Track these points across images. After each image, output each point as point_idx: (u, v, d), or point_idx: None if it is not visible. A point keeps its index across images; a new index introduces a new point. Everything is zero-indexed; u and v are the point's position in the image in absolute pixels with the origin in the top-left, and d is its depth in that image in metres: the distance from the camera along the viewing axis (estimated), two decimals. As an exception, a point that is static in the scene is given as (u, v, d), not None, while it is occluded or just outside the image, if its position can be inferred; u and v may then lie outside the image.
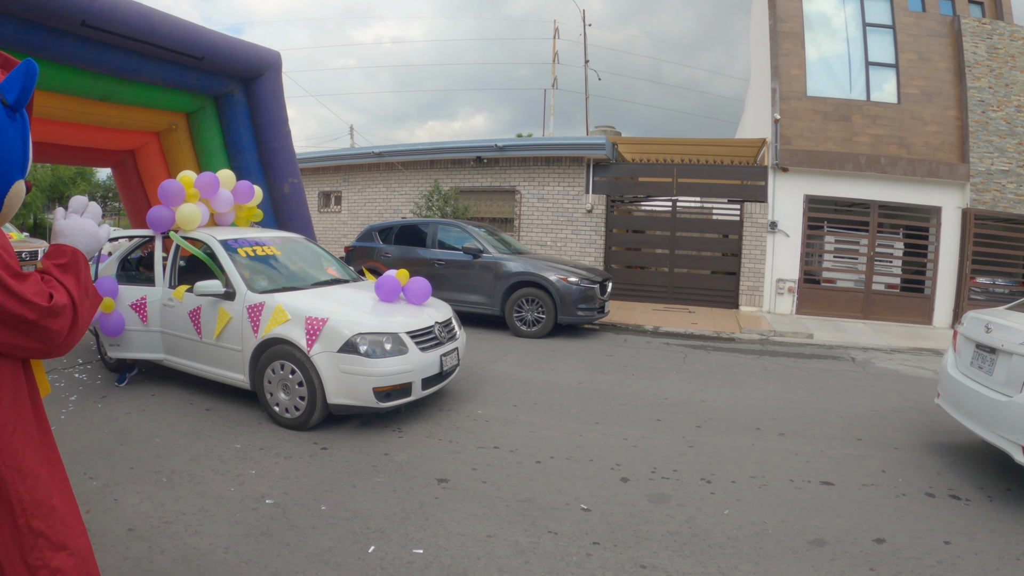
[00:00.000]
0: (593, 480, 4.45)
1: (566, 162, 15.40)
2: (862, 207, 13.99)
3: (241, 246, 6.35)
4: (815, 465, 4.89)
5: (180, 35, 8.27)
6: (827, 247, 14.45)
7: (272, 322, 5.42)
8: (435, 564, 3.27)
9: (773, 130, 13.84)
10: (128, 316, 6.24)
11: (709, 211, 15.59)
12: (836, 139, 13.82)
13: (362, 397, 5.16)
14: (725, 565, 3.36)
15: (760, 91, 15.93)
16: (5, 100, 2.09)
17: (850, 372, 8.44)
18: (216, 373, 5.94)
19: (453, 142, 16.74)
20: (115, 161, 11.29)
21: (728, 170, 14.77)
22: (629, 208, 16.43)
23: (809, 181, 13.78)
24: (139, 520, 3.64)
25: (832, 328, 12.13)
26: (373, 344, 5.21)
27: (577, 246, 15.37)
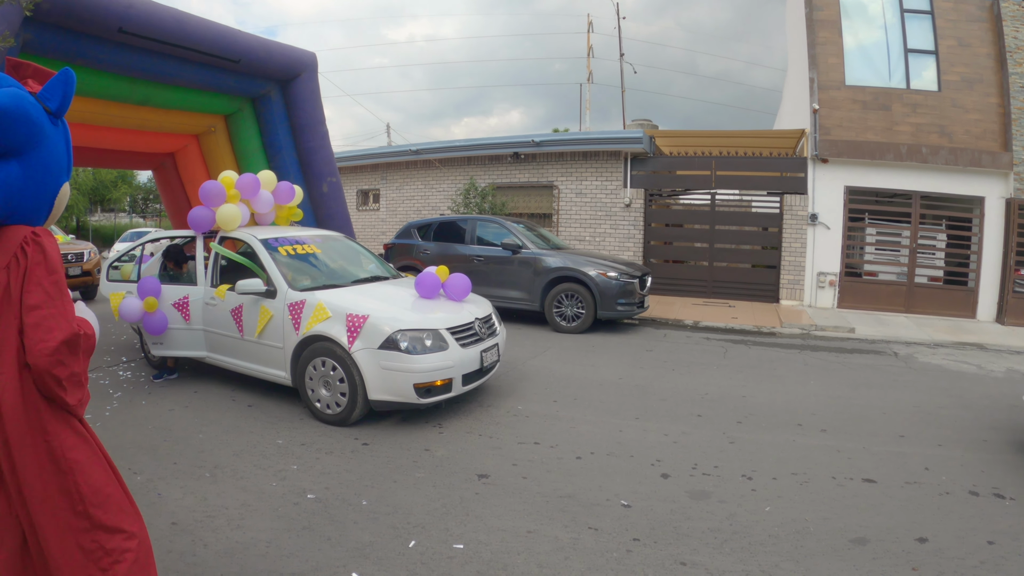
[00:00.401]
0: (633, 476, 4.43)
1: (603, 156, 15.31)
2: (903, 198, 13.67)
3: (281, 245, 6.42)
4: (857, 462, 4.81)
5: (216, 39, 8.41)
6: (868, 239, 14.15)
7: (313, 319, 5.47)
8: (475, 559, 3.29)
9: (812, 120, 13.60)
10: (171, 315, 6.38)
11: (748, 204, 15.36)
12: (876, 128, 13.52)
13: (403, 393, 5.18)
14: (766, 563, 3.32)
15: (798, 81, 15.66)
16: (48, 108, 2.17)
17: (892, 367, 8.27)
18: (258, 370, 6.02)
19: (490, 138, 16.74)
20: (155, 164, 11.52)
21: (767, 162, 14.55)
22: (667, 202, 16.25)
23: (849, 172, 13.51)
24: (183, 514, 3.73)
25: (874, 322, 11.90)
26: (413, 340, 5.23)
27: (616, 241, 15.28)
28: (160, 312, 6.32)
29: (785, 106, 18.86)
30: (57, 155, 2.23)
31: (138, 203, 39.24)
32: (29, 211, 2.16)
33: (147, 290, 6.31)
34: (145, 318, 6.29)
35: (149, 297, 6.27)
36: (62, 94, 2.20)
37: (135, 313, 6.25)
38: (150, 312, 6.28)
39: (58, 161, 2.24)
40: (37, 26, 6.85)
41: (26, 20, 6.37)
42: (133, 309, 6.24)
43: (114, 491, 2.32)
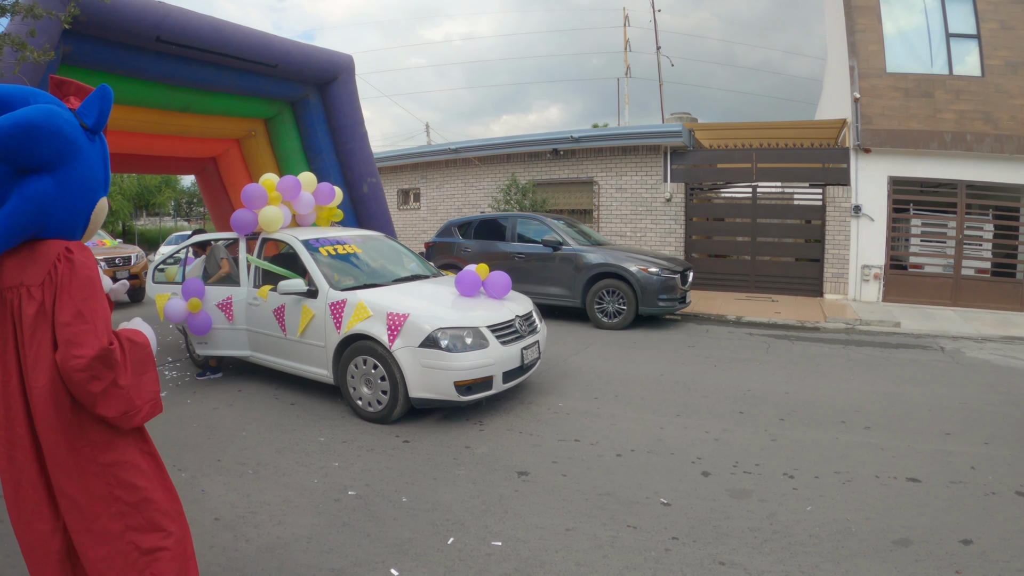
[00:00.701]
0: (674, 474, 4.41)
1: (643, 151, 15.21)
2: (949, 188, 13.31)
3: (322, 245, 6.50)
4: (901, 460, 4.70)
5: (253, 45, 8.55)
6: (913, 231, 13.82)
7: (354, 318, 5.53)
8: (513, 556, 3.31)
9: (853, 109, 13.31)
10: (215, 315, 6.51)
11: (790, 196, 15.09)
12: (919, 116, 13.17)
13: (443, 391, 5.22)
14: (806, 564, 3.27)
15: (838, 69, 15.34)
16: (85, 124, 2.22)
17: (939, 362, 8.08)
18: (300, 368, 6.11)
19: (529, 135, 16.74)
20: (198, 168, 11.78)
21: (808, 153, 14.30)
22: (708, 196, 16.07)
23: (893, 162, 13.19)
24: (225, 510, 3.82)
25: (920, 316, 11.63)
26: (454, 338, 5.25)
27: (657, 236, 15.17)
28: (204, 313, 6.45)
29: (826, 95, 18.52)
30: (93, 171, 2.28)
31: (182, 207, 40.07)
32: (64, 225, 2.21)
33: (191, 291, 6.45)
34: (189, 319, 6.41)
35: (193, 298, 6.40)
36: (98, 110, 2.25)
37: (180, 314, 6.38)
38: (194, 313, 6.40)
39: (94, 176, 2.29)
40: (76, 38, 7.04)
41: (65, 33, 6.56)
42: (178, 310, 6.36)
43: (153, 491, 2.38)
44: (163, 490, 2.45)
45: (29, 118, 1.99)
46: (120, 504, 2.27)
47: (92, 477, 2.22)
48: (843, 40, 14.03)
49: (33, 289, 2.10)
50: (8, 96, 2.05)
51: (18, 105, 2.06)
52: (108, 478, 2.24)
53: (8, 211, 2.05)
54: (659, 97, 26.83)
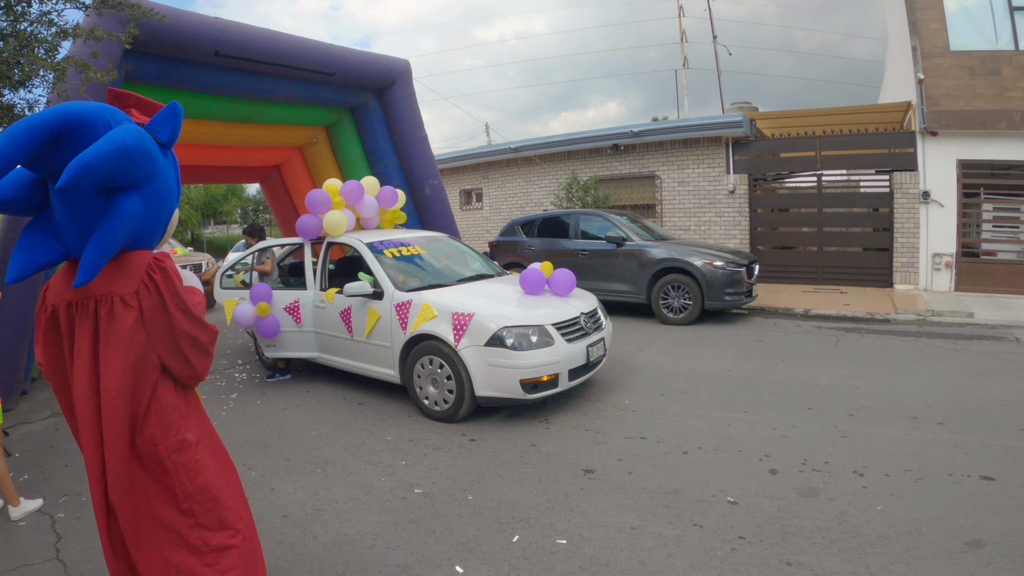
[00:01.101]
0: (740, 472, 4.37)
1: (704, 143, 15.00)
2: (1020, 170, 12.72)
3: (387, 247, 6.62)
4: (975, 458, 4.55)
5: (309, 54, 8.75)
6: (985, 216, 13.26)
7: (420, 319, 5.63)
8: (578, 555, 3.34)
9: (917, 91, 12.85)
10: (283, 319, 6.70)
11: (856, 184, 14.64)
12: (986, 96, 12.61)
13: (509, 389, 5.27)
14: (875, 565, 3.21)
15: (899, 50, 14.84)
16: (159, 140, 2.33)
17: (1014, 354, 7.76)
18: (367, 369, 6.26)
19: (588, 131, 16.64)
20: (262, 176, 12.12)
21: (873, 138, 13.86)
22: (773, 186, 15.72)
23: (961, 144, 12.68)
24: (293, 508, 3.96)
25: (994, 305, 11.19)
26: (519, 337, 5.29)
27: (721, 229, 14.95)
28: (272, 316, 6.63)
29: (888, 78, 17.94)
30: (169, 184, 2.41)
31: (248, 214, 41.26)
32: (147, 237, 2.36)
33: (259, 296, 6.62)
34: (258, 322, 6.59)
35: (261, 302, 6.58)
36: (172, 127, 2.37)
37: (248, 318, 6.55)
38: (263, 317, 6.58)
39: (170, 189, 2.43)
40: (137, 56, 7.31)
41: (126, 52, 6.79)
42: (246, 314, 6.54)
43: (220, 489, 2.50)
44: (230, 490, 2.56)
45: (124, 142, 2.08)
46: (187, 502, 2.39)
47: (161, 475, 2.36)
48: (904, 19, 13.55)
49: (127, 297, 2.23)
50: (90, 115, 2.12)
51: (99, 124, 2.13)
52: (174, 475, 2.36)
53: (107, 230, 2.16)
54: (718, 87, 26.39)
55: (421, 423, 5.52)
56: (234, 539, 2.51)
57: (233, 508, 2.54)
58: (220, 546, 2.46)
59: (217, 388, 6.73)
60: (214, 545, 2.45)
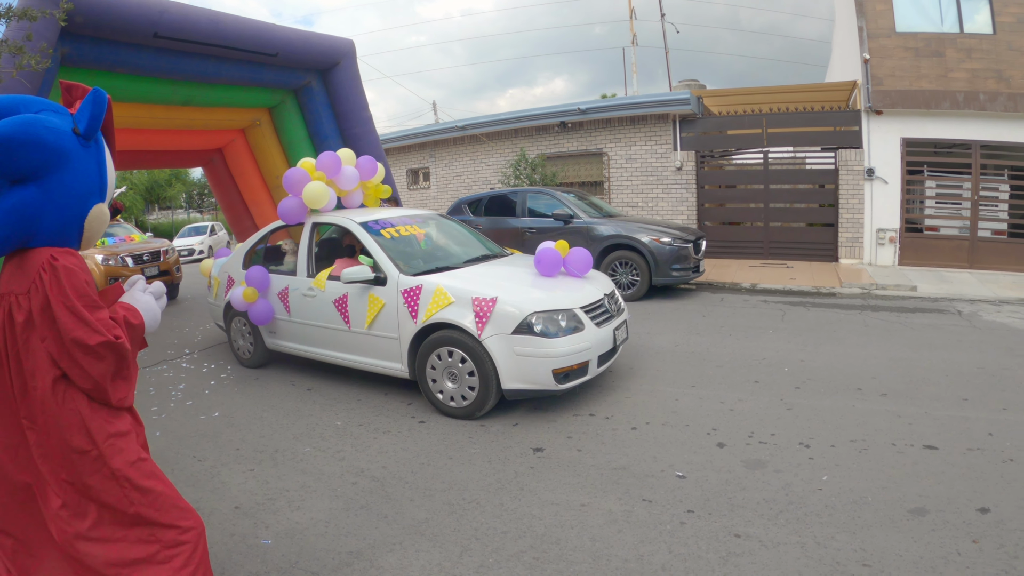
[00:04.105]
0: (688, 446, 4.41)
1: (651, 120, 15.10)
2: (963, 148, 13.09)
3: (383, 227, 6.02)
4: (918, 428, 4.66)
5: (251, 35, 8.53)
6: (928, 193, 13.64)
7: (433, 306, 5.09)
8: (528, 533, 3.33)
9: (863, 71, 13.09)
10: (277, 306, 6.32)
11: (802, 161, 14.94)
12: (930, 76, 12.93)
13: (540, 380, 4.83)
14: (821, 535, 3.27)
15: (846, 30, 15.10)
16: (77, 130, 2.21)
17: (956, 326, 7.99)
18: (368, 363, 5.72)
19: (535, 109, 16.67)
20: (205, 160, 11.82)
21: (819, 116, 14.13)
22: (720, 163, 15.93)
23: (905, 123, 13.00)
24: (244, 498, 3.87)
25: (936, 279, 11.51)
26: (549, 322, 4.87)
27: (669, 205, 15.11)
28: (262, 301, 6.28)
29: (835, 58, 18.26)
30: (86, 177, 2.26)
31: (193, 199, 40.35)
32: (53, 234, 2.21)
33: (251, 279, 6.27)
34: (249, 308, 6.29)
35: (248, 288, 6.25)
36: (90, 115, 2.22)
37: (241, 302, 6.30)
38: (251, 302, 6.26)
39: (87, 183, 2.27)
40: (74, 39, 7.05)
41: (63, 34, 6.55)
42: (239, 299, 6.31)
43: (164, 488, 2.41)
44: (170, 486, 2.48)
45: (3, 131, 2.00)
46: (133, 506, 2.30)
47: (103, 480, 2.26)
48: (851, 0, 13.79)
49: (21, 298, 2.13)
50: None
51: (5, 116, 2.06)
52: (118, 479, 2.27)
53: None
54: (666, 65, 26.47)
55: (370, 407, 5.44)
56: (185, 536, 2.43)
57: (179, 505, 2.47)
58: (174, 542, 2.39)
59: (165, 379, 6.54)
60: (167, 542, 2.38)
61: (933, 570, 2.95)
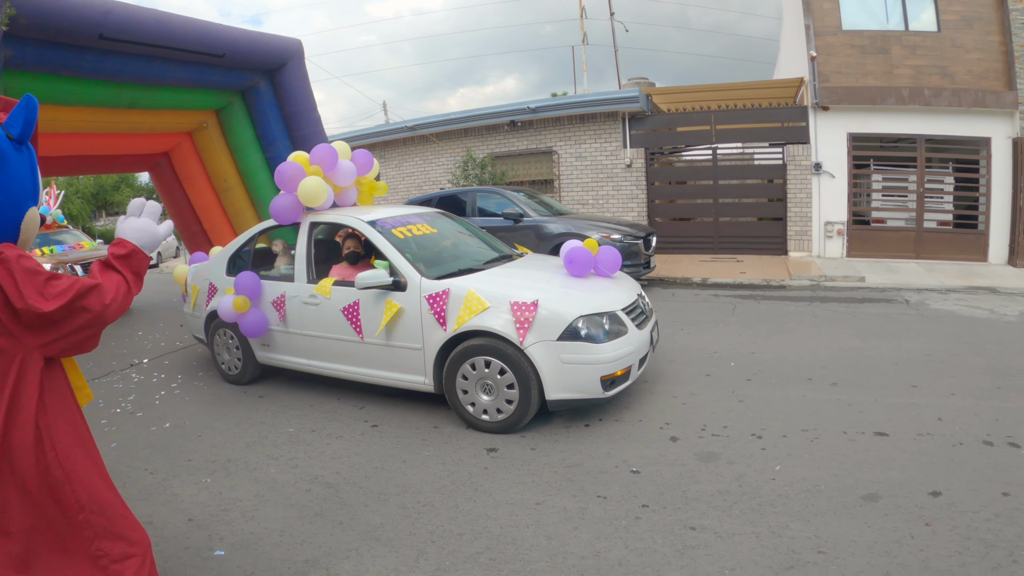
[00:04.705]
0: (641, 441, 4.43)
1: (601, 118, 15.20)
2: (908, 142, 13.47)
3: (393, 226, 5.54)
4: (868, 415, 4.76)
5: (198, 36, 8.36)
6: (875, 186, 14.00)
7: (465, 312, 4.67)
8: (484, 534, 3.31)
9: (810, 68, 13.37)
10: (271, 316, 5.81)
11: (751, 157, 15.24)
12: (875, 73, 13.28)
13: (587, 389, 4.53)
14: (775, 524, 3.31)
15: (793, 28, 15.41)
16: (11, 135, 2.18)
17: (904, 315, 8.20)
18: (383, 377, 5.26)
19: (485, 108, 16.65)
20: (151, 164, 11.53)
21: (767, 113, 14.41)
22: (670, 159, 16.17)
23: (851, 119, 13.32)
24: (197, 510, 3.77)
25: (884, 270, 11.80)
26: (595, 327, 4.57)
27: (619, 202, 15.22)
28: (256, 311, 5.77)
29: (783, 55, 18.61)
30: (19, 181, 2.22)
31: (144, 204, 39.41)
32: None
33: (242, 287, 5.75)
34: (241, 320, 5.77)
35: (238, 296, 5.74)
36: (23, 120, 2.20)
37: (231, 313, 5.76)
38: (242, 312, 5.74)
39: (20, 187, 2.23)
40: (17, 42, 6.81)
41: (5, 37, 6.33)
42: (228, 309, 5.77)
43: (113, 498, 2.35)
44: (119, 498, 2.42)
45: None
46: (81, 513, 2.23)
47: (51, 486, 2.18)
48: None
49: None
50: None
51: None
52: (66, 484, 2.20)
53: None
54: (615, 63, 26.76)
55: (322, 412, 5.34)
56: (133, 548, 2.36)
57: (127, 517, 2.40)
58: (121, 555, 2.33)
59: (113, 391, 6.34)
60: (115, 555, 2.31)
61: (887, 554, 3.01)
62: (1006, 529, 3.19)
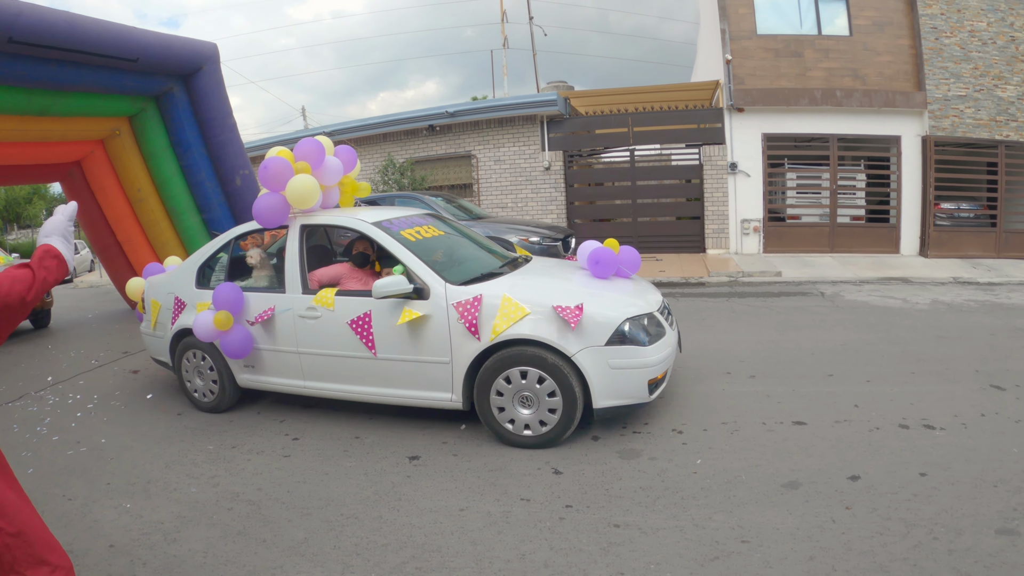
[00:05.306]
0: (563, 442, 4.45)
1: (519, 121, 15.35)
2: (821, 141, 14.05)
3: (401, 228, 5.09)
4: (787, 405, 4.92)
5: (111, 39, 8.07)
6: (789, 184, 14.54)
7: (503, 319, 4.31)
8: (409, 544, 3.29)
9: (725, 71, 13.80)
10: (257, 333, 5.21)
11: (668, 157, 15.67)
12: (789, 75, 13.81)
13: (635, 394, 4.34)
14: (698, 516, 3.39)
15: (710, 33, 15.87)
16: None
17: (819, 307, 8.52)
18: (404, 396, 4.79)
19: (403, 113, 16.64)
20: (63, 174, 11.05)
21: (683, 115, 14.82)
22: (588, 162, 16.48)
23: (765, 119, 13.81)
24: (118, 535, 3.63)
25: (799, 264, 12.25)
26: (639, 329, 4.36)
27: (538, 205, 15.40)
28: (239, 328, 5.15)
29: (700, 59, 19.13)
30: None
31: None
32: None
33: (223, 300, 5.09)
34: (222, 338, 5.14)
35: (220, 312, 5.08)
36: None
37: (208, 330, 5.11)
38: (225, 330, 5.11)
39: None
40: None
41: None
42: (207, 326, 5.11)
43: (33, 522, 2.27)
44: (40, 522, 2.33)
45: None
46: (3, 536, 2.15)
47: None
48: (714, 4, 14.53)
49: None
50: None
51: None
52: None
53: None
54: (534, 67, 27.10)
55: (241, 428, 5.20)
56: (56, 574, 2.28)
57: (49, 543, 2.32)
58: None
59: (28, 414, 6.03)
60: None
61: (810, 539, 3.11)
62: (924, 508, 3.35)
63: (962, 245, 13.39)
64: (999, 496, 3.45)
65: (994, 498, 3.44)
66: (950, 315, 7.92)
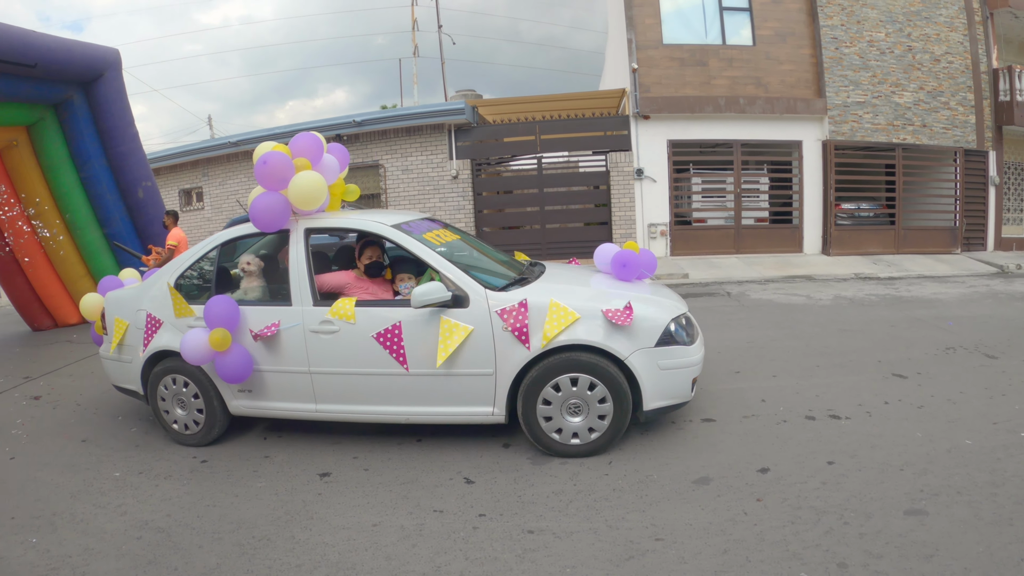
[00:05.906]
0: (475, 450, 4.49)
1: (427, 130, 15.39)
2: (725, 147, 14.62)
3: (422, 231, 4.79)
4: (695, 403, 5.06)
5: (8, 43, 7.69)
6: (695, 188, 15.05)
7: (552, 325, 4.10)
8: (323, 563, 3.28)
9: (632, 79, 14.19)
10: (258, 352, 4.67)
11: (576, 165, 15.97)
12: (694, 84, 14.31)
13: (680, 393, 4.32)
14: (611, 517, 3.48)
15: (618, 43, 16.26)
16: None
17: (726, 307, 8.82)
18: (436, 414, 4.49)
19: (311, 121, 16.40)
20: (-44, 188, 10.44)
21: (590, 122, 15.14)
22: (496, 170, 16.64)
23: (671, 126, 14.27)
24: (25, 572, 3.47)
25: (706, 266, 12.68)
26: (682, 329, 4.34)
27: (446, 213, 15.44)
28: (240, 348, 4.60)
29: (608, 68, 19.56)
30: None
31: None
32: None
33: (217, 316, 4.52)
34: (218, 360, 4.58)
35: (217, 330, 4.51)
36: None
37: (201, 352, 4.52)
38: (222, 351, 4.54)
39: None
40: None
41: None
42: (198, 347, 4.51)
43: None
44: None
45: None
46: None
47: None
48: (622, 14, 14.90)
49: None
50: None
51: None
52: None
53: None
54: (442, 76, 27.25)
55: (148, 452, 5.00)
56: None
57: None
58: None
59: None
60: None
61: (723, 533, 3.24)
62: (834, 495, 3.53)
63: (863, 243, 14.21)
64: (906, 479, 3.67)
65: (901, 481, 3.65)
66: (852, 309, 8.35)
